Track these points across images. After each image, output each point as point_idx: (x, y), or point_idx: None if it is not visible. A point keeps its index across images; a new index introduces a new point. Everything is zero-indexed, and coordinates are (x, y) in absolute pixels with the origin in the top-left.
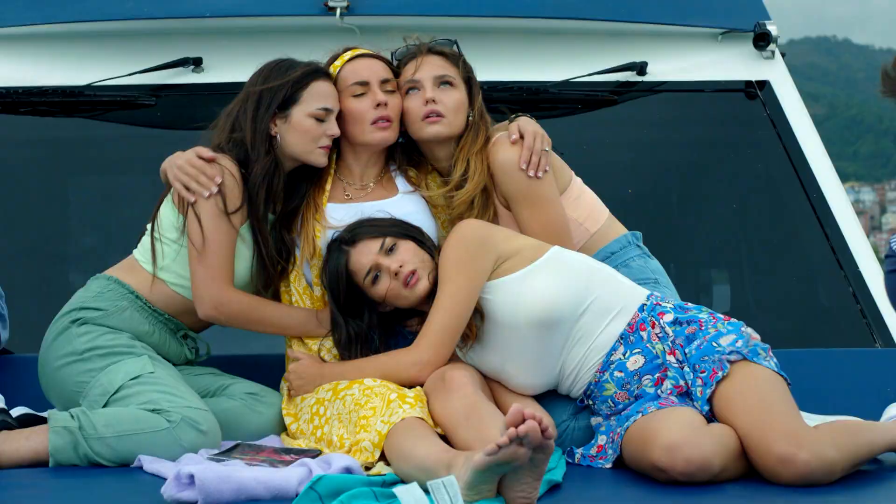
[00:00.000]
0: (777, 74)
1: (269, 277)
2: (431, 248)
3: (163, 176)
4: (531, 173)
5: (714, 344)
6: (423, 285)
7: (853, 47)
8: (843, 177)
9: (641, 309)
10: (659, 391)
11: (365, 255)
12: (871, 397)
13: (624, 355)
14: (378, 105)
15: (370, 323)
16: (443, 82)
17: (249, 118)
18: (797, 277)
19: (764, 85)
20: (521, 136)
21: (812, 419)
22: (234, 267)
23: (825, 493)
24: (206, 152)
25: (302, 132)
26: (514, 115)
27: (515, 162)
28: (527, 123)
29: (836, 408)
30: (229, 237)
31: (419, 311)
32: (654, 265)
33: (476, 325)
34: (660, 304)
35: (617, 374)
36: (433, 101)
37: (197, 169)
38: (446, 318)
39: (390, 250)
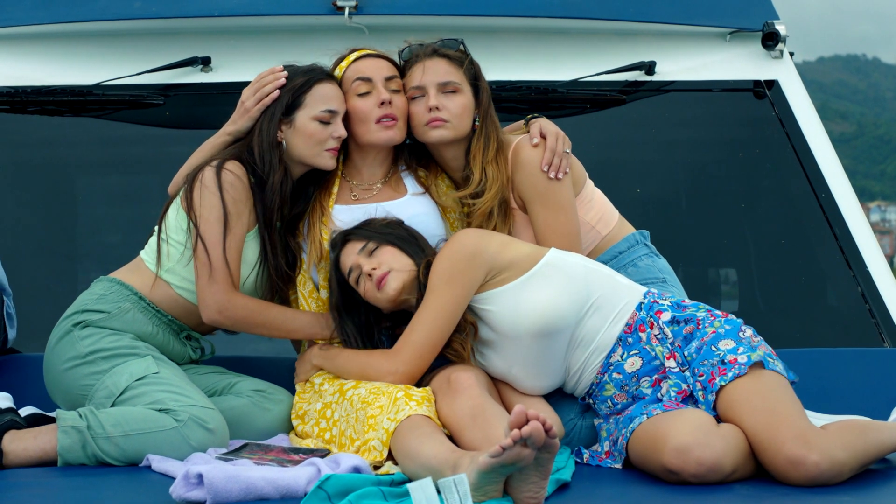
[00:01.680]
0: (785, 74)
1: (274, 285)
2: (418, 256)
3: (171, 189)
4: (552, 175)
5: (713, 348)
6: (392, 286)
7: (882, 66)
8: (870, 196)
9: (639, 308)
10: (659, 394)
11: (349, 255)
12: (880, 397)
13: (622, 357)
14: (382, 103)
15: (367, 321)
16: (447, 90)
17: (256, 128)
18: (806, 277)
19: (772, 84)
20: (543, 137)
21: (820, 419)
22: (240, 272)
23: (834, 494)
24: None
25: (307, 136)
26: (529, 116)
27: (537, 162)
28: (547, 124)
29: (845, 407)
30: (234, 242)
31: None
32: (662, 264)
33: (470, 341)
34: (657, 303)
35: (615, 375)
36: (436, 108)
37: (258, 82)
38: (427, 331)
39: (371, 252)
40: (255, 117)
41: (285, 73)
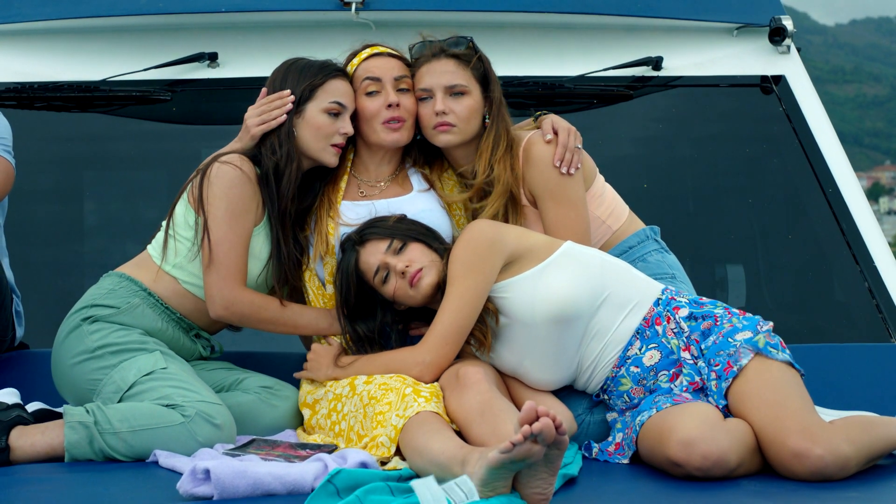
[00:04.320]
0: (792, 69)
1: (285, 274)
2: (440, 249)
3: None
4: (564, 170)
5: (730, 339)
6: (426, 281)
7: None
8: None
9: (657, 303)
10: (672, 386)
11: (373, 254)
12: (887, 392)
13: (640, 350)
14: (390, 105)
15: (383, 321)
16: (454, 92)
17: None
18: (812, 272)
19: (779, 80)
20: (556, 133)
21: (827, 414)
22: (248, 267)
23: (839, 489)
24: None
25: (315, 128)
26: (538, 113)
27: (549, 158)
28: (559, 120)
29: (852, 403)
30: (241, 238)
31: (433, 310)
32: (672, 260)
33: (491, 327)
34: (675, 299)
35: (633, 369)
36: (443, 112)
37: (265, 105)
38: (452, 320)
39: (398, 250)
40: (258, 137)
41: (292, 97)
